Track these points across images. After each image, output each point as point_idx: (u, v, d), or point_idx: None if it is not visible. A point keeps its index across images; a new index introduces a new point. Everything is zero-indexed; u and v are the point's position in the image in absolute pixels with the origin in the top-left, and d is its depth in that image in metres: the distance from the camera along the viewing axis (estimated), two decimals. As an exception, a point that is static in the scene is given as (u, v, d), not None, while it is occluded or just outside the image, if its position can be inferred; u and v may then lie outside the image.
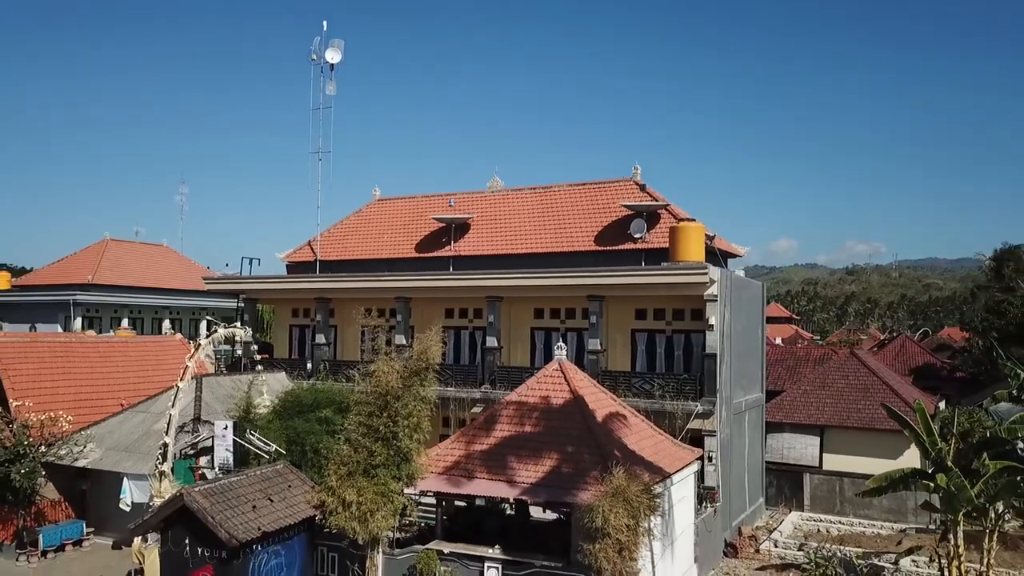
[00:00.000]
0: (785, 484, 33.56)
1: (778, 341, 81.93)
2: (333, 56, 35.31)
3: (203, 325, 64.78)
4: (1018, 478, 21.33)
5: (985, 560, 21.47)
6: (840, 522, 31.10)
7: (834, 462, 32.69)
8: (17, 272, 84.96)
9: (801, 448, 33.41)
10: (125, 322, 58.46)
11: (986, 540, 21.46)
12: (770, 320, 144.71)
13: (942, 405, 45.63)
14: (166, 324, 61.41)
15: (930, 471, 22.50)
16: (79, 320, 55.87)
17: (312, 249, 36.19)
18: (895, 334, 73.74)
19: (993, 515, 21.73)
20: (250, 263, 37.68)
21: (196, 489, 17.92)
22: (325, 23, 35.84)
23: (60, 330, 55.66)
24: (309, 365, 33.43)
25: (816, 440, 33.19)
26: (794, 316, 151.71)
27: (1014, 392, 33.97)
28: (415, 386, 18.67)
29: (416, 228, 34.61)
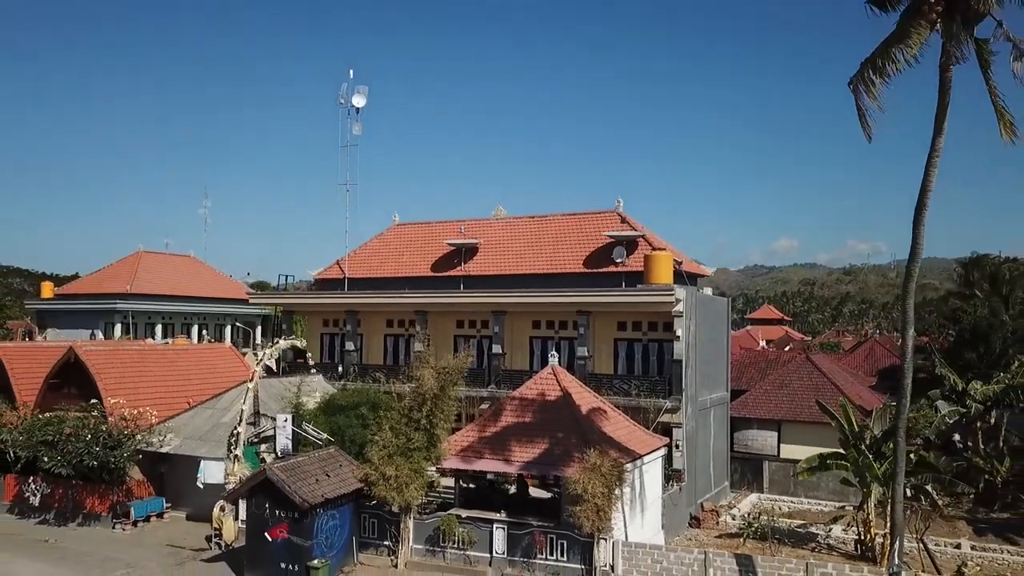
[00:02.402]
0: (748, 470, 39.16)
1: (762, 344, 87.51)
2: (359, 101, 40.90)
3: (228, 330, 70.58)
4: (911, 456, 26.90)
5: (888, 524, 26.99)
6: (792, 501, 36.67)
7: (789, 451, 38.24)
8: (57, 280, 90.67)
9: (762, 440, 39.00)
10: (159, 328, 64.15)
11: (890, 507, 26.95)
12: (761, 322, 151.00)
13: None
14: (194, 330, 67.05)
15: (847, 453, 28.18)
16: (118, 327, 61.53)
17: (340, 268, 41.78)
18: (867, 337, 79.09)
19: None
20: (285, 279, 43.45)
21: (275, 465, 23.53)
22: (352, 71, 41.44)
23: (101, 336, 61.31)
24: (340, 368, 39.04)
25: (774, 433, 38.78)
26: (785, 317, 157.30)
27: (947, 392, 39.89)
28: (449, 388, 24.56)
29: (431, 250, 40.17)
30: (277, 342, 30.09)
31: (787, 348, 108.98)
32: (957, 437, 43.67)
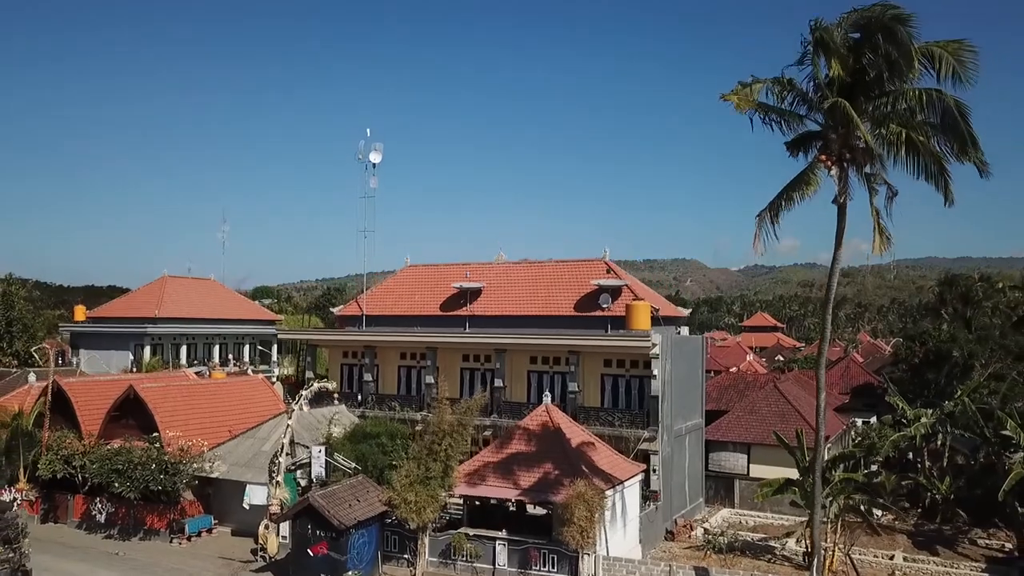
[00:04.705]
0: (721, 487, 44.11)
1: (750, 358, 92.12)
2: (375, 157, 45.83)
3: (246, 349, 75.62)
4: (854, 478, 31.82)
5: (833, 540, 31.97)
6: (758, 516, 41.57)
7: (757, 471, 43.11)
8: (68, 291, 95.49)
9: (733, 460, 43.97)
10: (183, 349, 69.20)
11: (828, 526, 31.92)
12: (754, 329, 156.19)
13: (872, 422, 55.89)
14: (216, 350, 72.11)
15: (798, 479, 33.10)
16: (147, 349, 66.51)
17: (359, 305, 46.76)
18: (845, 354, 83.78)
19: (836, 509, 32.09)
20: (309, 313, 48.33)
21: (316, 493, 28.51)
22: (368, 130, 46.31)
23: (131, 357, 66.31)
24: (359, 397, 44.04)
25: (744, 455, 43.75)
26: (778, 324, 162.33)
27: (898, 416, 44.83)
28: (469, 422, 29.62)
29: (440, 292, 45.07)
30: (312, 385, 35.07)
31: (776, 358, 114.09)
32: (911, 455, 48.63)
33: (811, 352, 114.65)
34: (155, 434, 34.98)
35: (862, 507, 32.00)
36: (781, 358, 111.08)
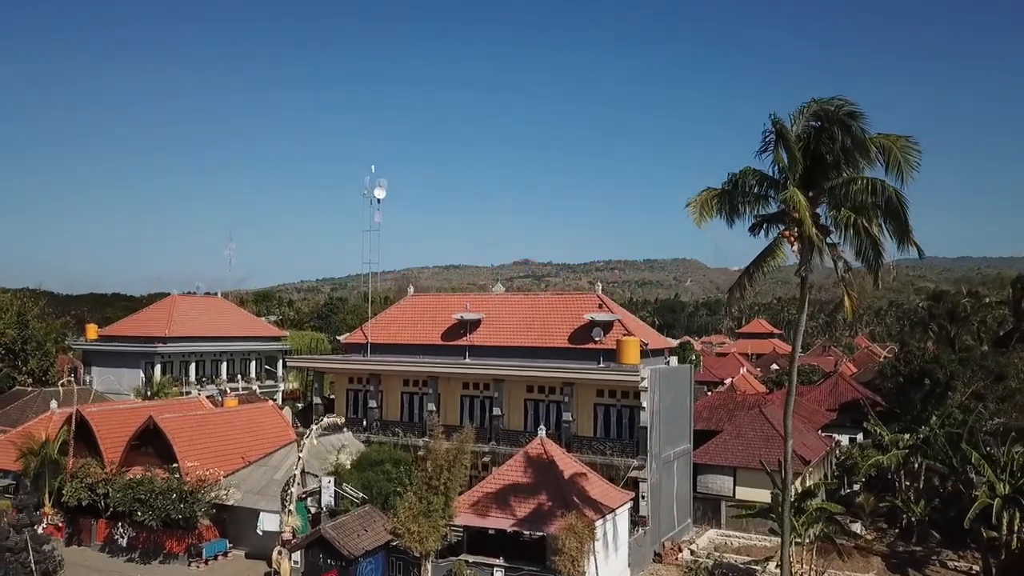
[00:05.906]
0: (708, 508, 46.34)
1: (743, 371, 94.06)
2: (380, 193, 48.04)
3: (252, 365, 77.91)
4: (825, 506, 34.06)
5: (810, 563, 34.25)
6: (743, 537, 43.78)
7: (743, 493, 45.33)
8: (71, 300, 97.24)
9: (720, 483, 46.22)
10: (192, 367, 71.46)
11: (804, 551, 34.21)
12: (751, 336, 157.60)
13: (858, 439, 58.09)
14: (223, 367, 74.42)
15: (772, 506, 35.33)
16: (158, 367, 68.73)
17: (364, 333, 49.02)
18: (836, 367, 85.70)
19: (812, 536, 34.34)
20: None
21: (327, 525, 30.80)
22: (373, 167, 48.60)
23: (142, 375, 68.51)
24: (364, 422, 46.31)
25: (730, 477, 46.00)
26: (774, 331, 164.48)
27: (876, 440, 47.05)
28: (462, 456, 31.69)
29: (441, 321, 47.31)
30: (321, 420, 37.39)
31: (772, 366, 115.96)
32: (891, 475, 50.85)
33: (805, 364, 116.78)
34: (175, 464, 37.23)
35: (833, 536, 34.19)
36: (776, 366, 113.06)
